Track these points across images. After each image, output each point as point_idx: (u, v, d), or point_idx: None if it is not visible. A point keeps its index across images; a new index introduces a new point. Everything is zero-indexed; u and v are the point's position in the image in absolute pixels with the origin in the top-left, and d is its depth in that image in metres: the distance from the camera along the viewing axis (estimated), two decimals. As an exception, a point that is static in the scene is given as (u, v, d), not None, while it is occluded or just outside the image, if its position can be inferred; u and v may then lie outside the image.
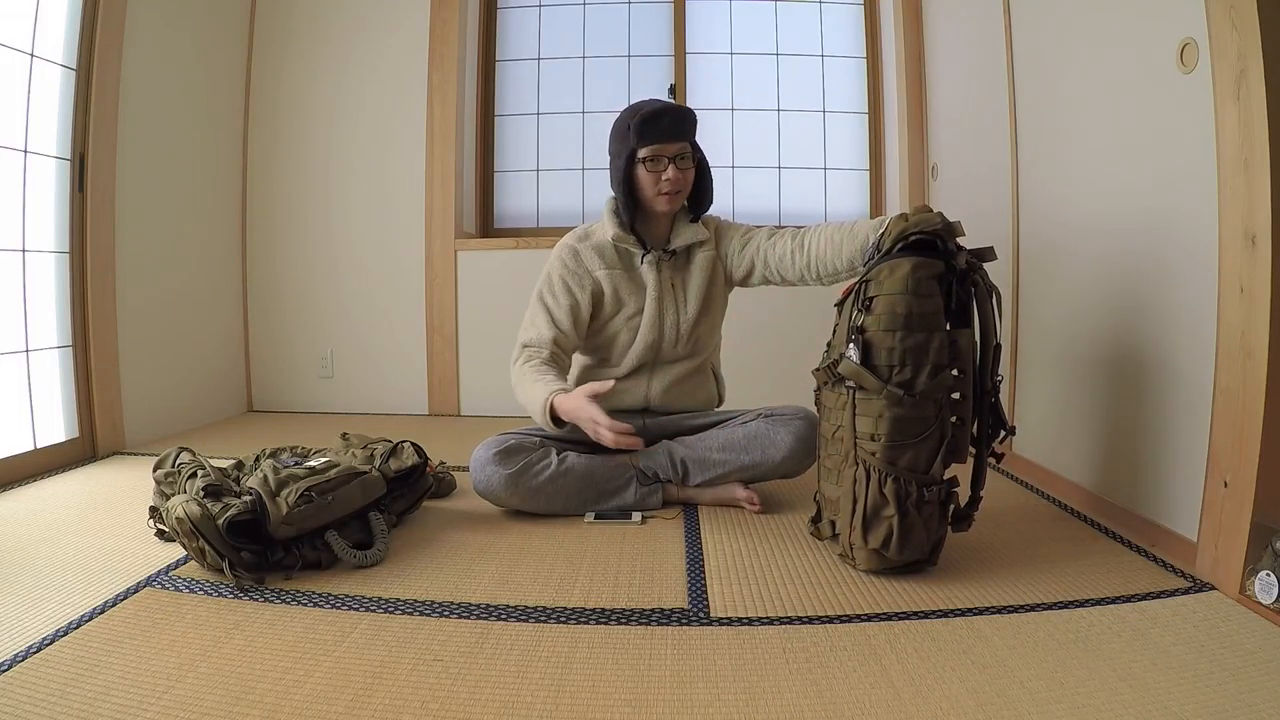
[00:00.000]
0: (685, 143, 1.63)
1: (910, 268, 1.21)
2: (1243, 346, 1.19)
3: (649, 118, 1.58)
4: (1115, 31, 1.55)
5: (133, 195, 2.26)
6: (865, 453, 1.24)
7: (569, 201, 3.01)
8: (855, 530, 1.25)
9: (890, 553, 1.23)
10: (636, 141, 1.60)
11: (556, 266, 1.70)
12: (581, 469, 1.58)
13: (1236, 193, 1.20)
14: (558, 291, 1.67)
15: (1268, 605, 1.11)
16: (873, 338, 1.23)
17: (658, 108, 1.60)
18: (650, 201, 1.65)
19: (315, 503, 1.30)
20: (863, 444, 1.25)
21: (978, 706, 0.88)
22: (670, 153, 1.61)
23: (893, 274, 1.22)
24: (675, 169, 1.61)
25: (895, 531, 1.22)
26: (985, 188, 2.22)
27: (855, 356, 1.23)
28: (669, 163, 1.61)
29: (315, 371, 2.92)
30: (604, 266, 1.68)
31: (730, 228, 1.77)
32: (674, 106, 1.63)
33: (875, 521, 1.23)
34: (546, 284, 1.69)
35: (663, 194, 1.63)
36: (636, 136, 1.59)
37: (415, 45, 2.81)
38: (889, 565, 1.25)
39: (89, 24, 2.07)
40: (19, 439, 1.92)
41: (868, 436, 1.24)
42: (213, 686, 0.92)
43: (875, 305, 1.23)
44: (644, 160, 1.61)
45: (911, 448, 1.22)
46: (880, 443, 1.22)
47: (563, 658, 1.00)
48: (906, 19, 2.78)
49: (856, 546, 1.26)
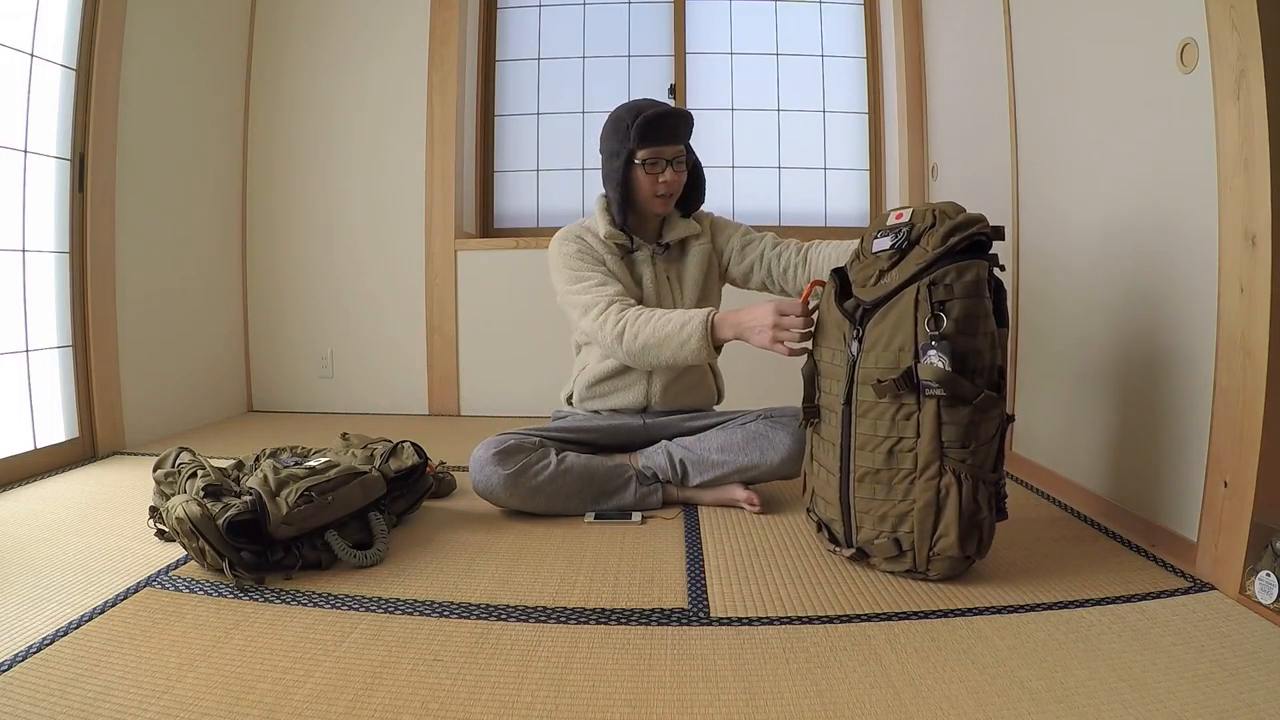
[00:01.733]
0: (682, 145, 1.64)
1: (978, 271, 1.18)
2: (1243, 346, 1.19)
3: (652, 120, 1.58)
4: (1115, 31, 1.55)
5: (133, 195, 2.26)
6: (955, 461, 1.18)
7: (569, 201, 3.01)
8: (945, 539, 1.19)
9: (979, 555, 1.23)
10: (637, 143, 1.59)
11: (569, 249, 1.66)
12: (581, 469, 1.58)
13: (1236, 193, 1.20)
14: (588, 264, 1.64)
15: (1268, 605, 1.11)
16: (956, 342, 1.17)
17: (660, 110, 1.60)
18: (646, 203, 1.65)
19: (315, 503, 1.30)
20: (952, 452, 1.18)
21: (978, 706, 0.88)
22: (668, 155, 1.61)
23: (961, 277, 1.17)
24: (673, 171, 1.61)
25: (986, 534, 1.21)
26: (985, 188, 2.22)
27: (944, 364, 1.16)
28: (667, 165, 1.61)
29: (315, 371, 2.92)
30: (607, 253, 1.69)
31: (727, 224, 1.77)
32: (674, 109, 1.63)
33: (972, 528, 1.19)
34: (570, 265, 1.65)
35: (659, 196, 1.63)
36: (638, 138, 1.59)
37: (415, 45, 2.81)
38: (967, 567, 1.25)
39: (89, 24, 2.07)
40: (19, 439, 1.92)
41: (957, 444, 1.18)
42: (213, 686, 0.92)
43: (952, 309, 1.17)
44: (643, 162, 1.61)
45: (990, 447, 1.21)
46: (970, 448, 1.18)
47: (563, 658, 1.00)
48: (906, 19, 2.78)
49: (941, 556, 1.21)
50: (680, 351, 1.48)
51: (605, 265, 1.66)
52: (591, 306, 1.58)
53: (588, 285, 1.61)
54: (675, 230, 1.71)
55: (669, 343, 1.48)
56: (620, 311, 1.55)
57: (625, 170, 1.63)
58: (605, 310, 1.56)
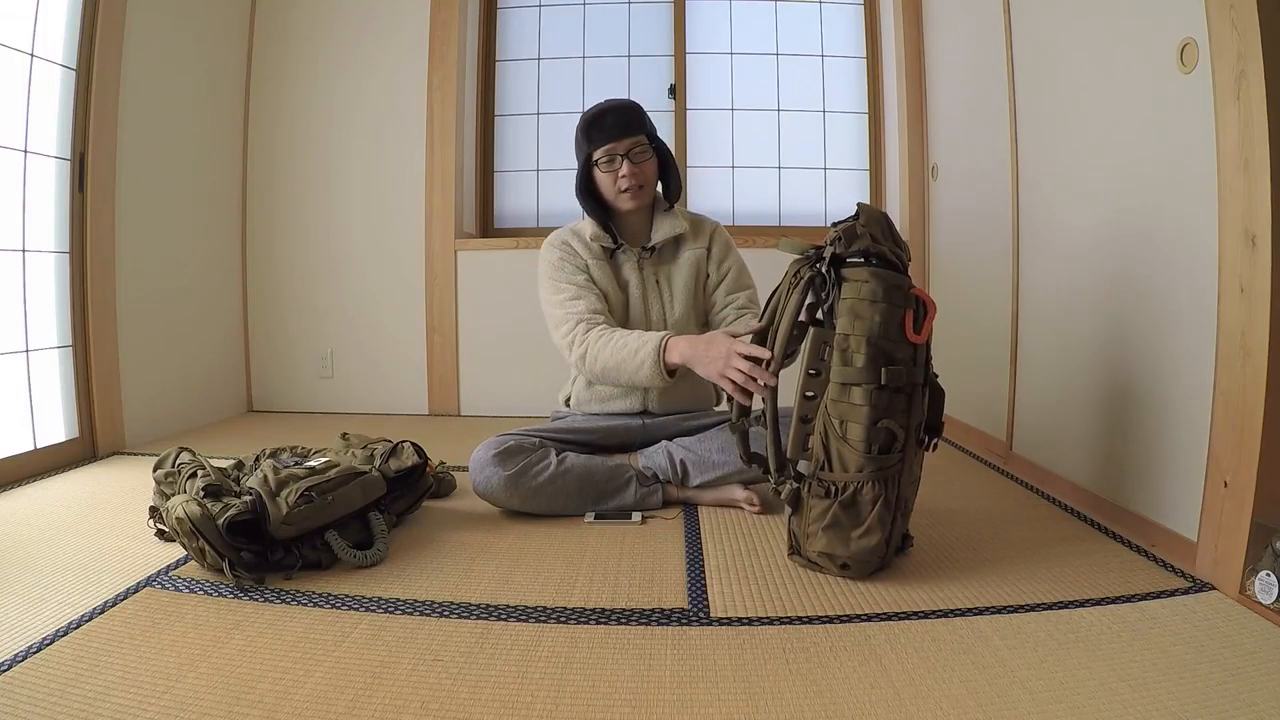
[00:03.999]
0: (638, 136, 1.62)
1: None
2: (1243, 346, 1.19)
3: (593, 120, 1.60)
4: (1115, 31, 1.55)
5: (133, 195, 2.26)
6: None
7: (569, 201, 2.96)
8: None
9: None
10: (588, 145, 1.62)
11: (553, 257, 1.69)
12: (581, 469, 1.58)
13: (1236, 193, 1.20)
14: (566, 274, 1.66)
15: (1268, 605, 1.11)
16: None
17: (601, 108, 1.62)
18: (613, 201, 1.66)
19: (315, 503, 1.30)
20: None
21: (978, 706, 0.88)
22: (622, 149, 1.61)
23: None
24: (630, 164, 1.61)
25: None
26: (985, 188, 2.23)
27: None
28: (623, 159, 1.61)
29: (315, 371, 2.92)
30: (592, 257, 1.69)
31: (729, 252, 1.76)
32: (617, 103, 1.63)
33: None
34: (551, 275, 1.67)
35: (623, 191, 1.63)
36: (586, 141, 1.61)
37: (415, 45, 2.81)
38: None
39: (89, 24, 2.07)
40: (19, 439, 1.92)
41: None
42: (213, 686, 0.92)
43: None
44: (598, 162, 1.62)
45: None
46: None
47: (563, 658, 1.00)
48: (906, 19, 2.78)
49: None
50: (636, 375, 1.51)
51: (588, 273, 1.67)
52: (561, 323, 1.61)
53: (562, 300, 1.63)
54: (662, 229, 1.71)
55: (625, 367, 1.51)
56: (585, 333, 1.57)
57: (586, 173, 1.65)
58: (572, 330, 1.59)
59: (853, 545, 1.22)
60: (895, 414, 1.20)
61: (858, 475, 1.20)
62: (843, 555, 1.23)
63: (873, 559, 1.23)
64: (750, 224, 2.95)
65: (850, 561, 1.23)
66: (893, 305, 1.19)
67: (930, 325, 1.22)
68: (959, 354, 2.35)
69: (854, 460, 1.20)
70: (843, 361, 1.20)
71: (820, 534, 1.24)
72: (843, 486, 1.22)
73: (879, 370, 1.18)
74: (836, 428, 1.22)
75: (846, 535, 1.22)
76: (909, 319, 1.20)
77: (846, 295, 1.21)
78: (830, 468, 1.23)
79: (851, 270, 1.22)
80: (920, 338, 1.20)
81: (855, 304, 1.20)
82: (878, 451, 1.19)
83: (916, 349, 1.21)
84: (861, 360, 1.18)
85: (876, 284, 1.19)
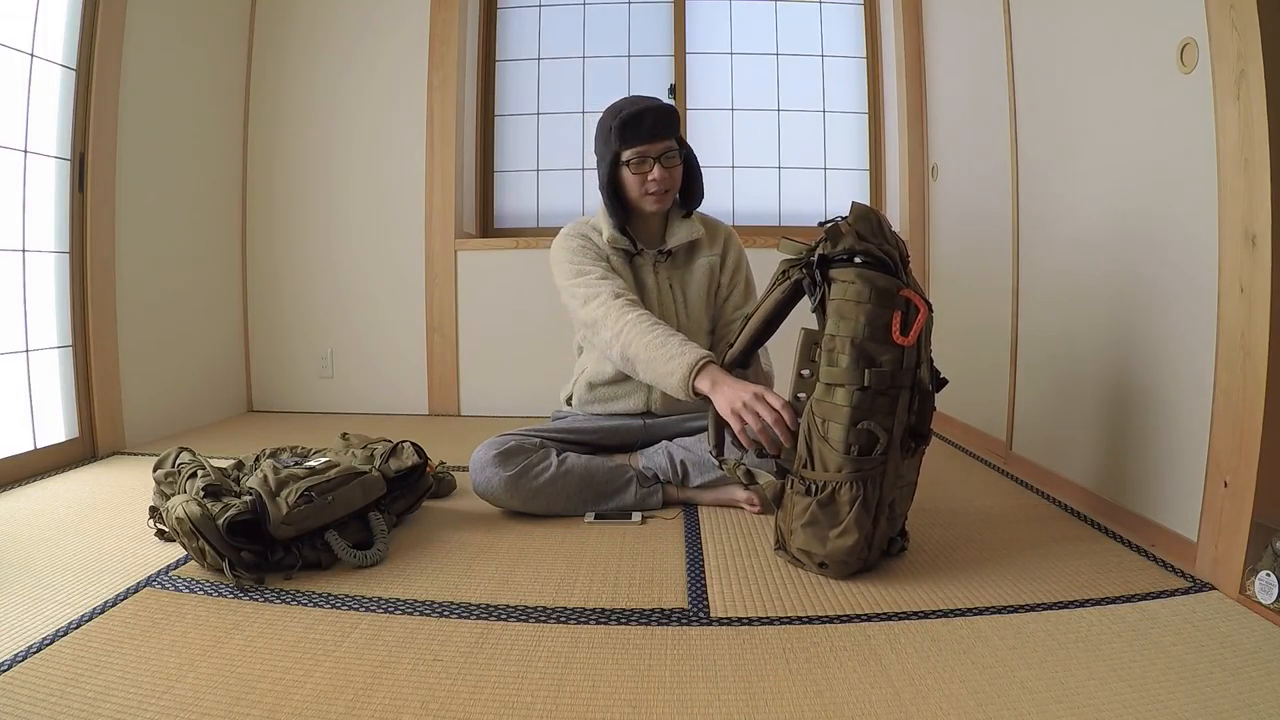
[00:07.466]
0: (670, 140, 1.60)
1: None
2: (1243, 346, 1.19)
3: (630, 120, 1.57)
4: (1115, 31, 1.55)
5: (133, 195, 2.26)
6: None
7: (569, 201, 3.01)
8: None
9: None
10: (619, 144, 1.58)
11: (573, 244, 1.66)
12: (581, 470, 1.58)
13: (1236, 193, 1.20)
14: (590, 258, 1.63)
15: (1268, 605, 1.11)
16: None
17: (639, 108, 1.58)
18: (637, 202, 1.64)
19: (315, 503, 1.30)
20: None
21: (978, 706, 0.88)
22: (655, 152, 1.59)
23: None
24: (661, 168, 1.59)
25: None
26: (985, 188, 2.23)
27: None
28: (654, 163, 1.59)
29: (315, 371, 2.92)
30: (612, 254, 1.67)
31: (741, 263, 1.75)
32: (655, 104, 1.59)
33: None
34: (571, 260, 1.63)
35: (649, 194, 1.62)
36: (619, 139, 1.58)
37: (415, 45, 2.81)
38: None
39: (89, 24, 2.07)
40: (19, 439, 1.92)
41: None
42: (213, 686, 0.92)
43: None
44: (628, 162, 1.60)
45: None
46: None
47: (563, 658, 1.00)
48: (906, 19, 2.78)
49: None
50: (660, 380, 1.45)
51: (609, 262, 1.65)
52: (592, 297, 1.56)
53: (589, 279, 1.59)
54: (678, 234, 1.69)
55: (654, 363, 1.45)
56: (625, 310, 1.51)
57: (613, 172, 1.62)
58: (608, 303, 1.53)
59: (829, 545, 1.22)
60: (878, 416, 1.19)
61: (836, 475, 1.20)
62: (820, 554, 1.23)
63: (850, 559, 1.22)
64: (750, 224, 2.95)
65: (827, 560, 1.23)
66: (879, 307, 1.18)
67: (919, 328, 1.20)
68: (959, 354, 2.35)
69: (833, 460, 1.20)
70: (828, 362, 1.21)
71: (800, 531, 1.24)
72: (821, 485, 1.22)
73: (862, 372, 1.17)
74: (819, 427, 1.22)
75: (824, 534, 1.22)
76: (896, 321, 1.19)
77: (834, 296, 1.21)
78: (811, 466, 1.24)
79: (839, 270, 1.22)
80: (907, 340, 1.19)
81: (841, 305, 1.20)
82: (857, 453, 1.19)
83: (904, 351, 1.20)
84: (845, 361, 1.18)
85: (862, 285, 1.18)
